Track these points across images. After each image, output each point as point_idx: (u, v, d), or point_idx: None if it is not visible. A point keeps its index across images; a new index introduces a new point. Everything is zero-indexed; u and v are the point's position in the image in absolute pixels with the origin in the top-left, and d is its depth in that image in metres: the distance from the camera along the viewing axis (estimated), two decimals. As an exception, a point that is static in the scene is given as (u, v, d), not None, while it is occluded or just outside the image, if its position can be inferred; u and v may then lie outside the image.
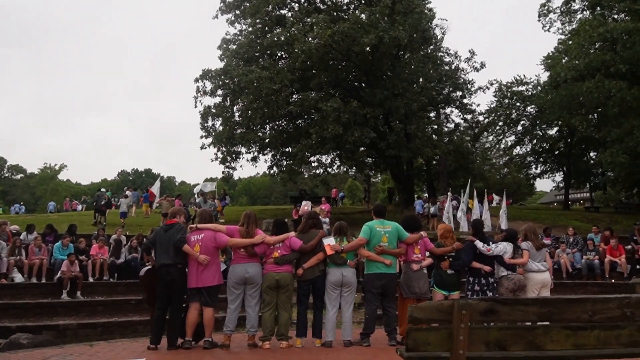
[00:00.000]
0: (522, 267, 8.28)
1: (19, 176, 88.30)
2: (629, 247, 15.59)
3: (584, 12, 30.94)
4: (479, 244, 8.21)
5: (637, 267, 15.01)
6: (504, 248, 8.29)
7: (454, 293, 8.14)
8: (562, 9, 31.86)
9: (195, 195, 25.64)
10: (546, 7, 32.35)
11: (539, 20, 32.67)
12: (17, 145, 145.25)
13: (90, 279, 13.67)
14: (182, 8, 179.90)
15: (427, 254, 8.46)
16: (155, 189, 28.06)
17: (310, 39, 24.14)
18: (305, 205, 19.53)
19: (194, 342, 7.76)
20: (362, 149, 28.43)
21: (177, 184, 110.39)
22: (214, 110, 27.88)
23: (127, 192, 27.86)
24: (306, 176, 33.39)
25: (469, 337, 4.16)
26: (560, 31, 32.85)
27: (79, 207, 42.90)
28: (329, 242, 7.93)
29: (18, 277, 13.00)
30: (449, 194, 23.13)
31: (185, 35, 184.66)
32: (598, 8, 29.15)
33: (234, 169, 29.13)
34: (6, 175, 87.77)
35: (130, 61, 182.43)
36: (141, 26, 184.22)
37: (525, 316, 4.29)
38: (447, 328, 4.20)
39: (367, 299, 8.03)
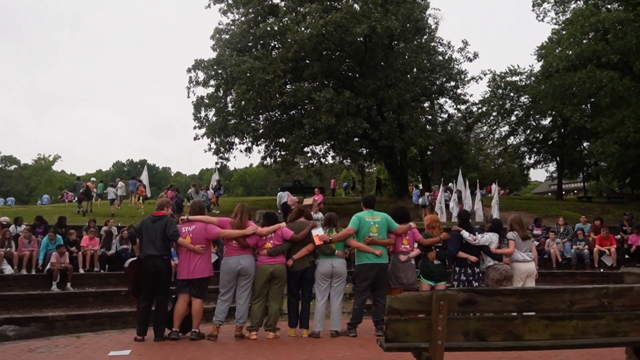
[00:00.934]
0: (508, 257, 8.31)
1: (12, 167, 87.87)
2: (618, 236, 15.67)
3: (578, 2, 30.91)
4: (465, 233, 8.25)
5: (627, 256, 15.10)
6: (489, 238, 8.32)
7: (441, 283, 8.16)
8: (555, -1, 31.82)
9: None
10: (540, -3, 32.30)
11: (533, 10, 32.70)
12: (11, 136, 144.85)
13: (81, 271, 13.64)
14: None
15: (416, 244, 8.46)
16: (144, 177, 28.05)
17: (302, 28, 24.05)
18: (289, 196, 20.08)
19: (182, 333, 7.76)
20: (356, 139, 28.40)
21: (172, 174, 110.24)
22: (207, 101, 27.81)
23: (120, 183, 27.80)
24: (302, 167, 33.35)
25: (447, 327, 4.18)
26: (554, 21, 32.88)
27: (75, 198, 42.74)
28: (317, 232, 7.96)
29: (7, 269, 12.96)
30: (441, 184, 23.15)
31: (179, 24, 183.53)
32: (592, -2, 29.13)
33: (227, 159, 29.11)
34: (0, 166, 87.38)
35: (124, 52, 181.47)
36: (135, 16, 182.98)
37: (504, 306, 4.31)
38: (426, 319, 4.21)
39: (357, 289, 8.03)
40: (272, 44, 28.48)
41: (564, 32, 28.84)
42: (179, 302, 7.67)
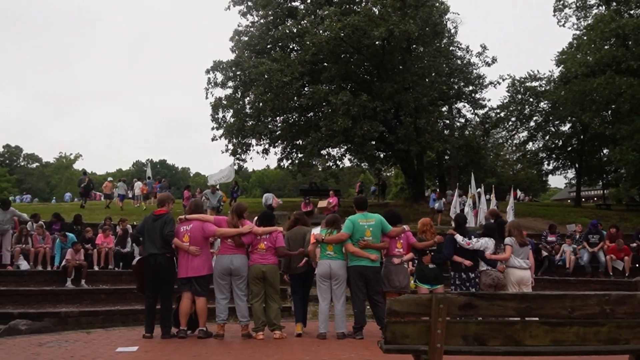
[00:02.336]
0: (504, 263, 8.26)
1: (34, 165, 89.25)
2: (634, 244, 15.47)
3: (600, 8, 30.58)
4: (458, 237, 8.24)
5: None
6: (485, 243, 8.28)
7: (437, 287, 8.13)
8: (577, 4, 31.57)
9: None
10: (561, 2, 32.08)
11: (554, 15, 32.42)
12: (33, 135, 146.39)
13: (95, 268, 13.80)
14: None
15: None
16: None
17: (321, 31, 24.12)
18: (274, 198, 20.77)
19: (190, 331, 7.84)
20: (372, 142, 28.38)
21: (191, 175, 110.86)
22: (225, 102, 27.99)
23: (138, 183, 28.14)
24: (320, 169, 33.45)
25: (447, 330, 4.18)
26: (575, 26, 32.51)
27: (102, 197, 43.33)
28: (314, 231, 8.06)
29: (24, 265, 13.18)
30: (456, 189, 23.01)
31: (199, 26, 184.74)
32: (614, 3, 28.80)
33: (244, 160, 29.27)
34: (22, 164, 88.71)
35: (144, 52, 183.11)
36: (153, 17, 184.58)
37: (504, 311, 4.29)
38: (426, 321, 4.22)
39: (353, 292, 8.02)
40: (291, 47, 28.65)
41: (584, 38, 28.57)
42: (182, 301, 7.75)
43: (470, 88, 31.59)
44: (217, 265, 7.95)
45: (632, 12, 27.83)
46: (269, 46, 28.16)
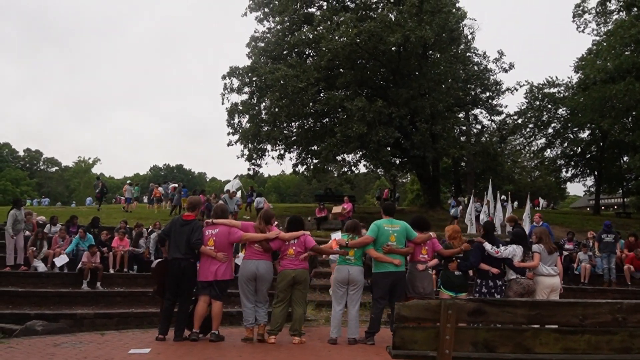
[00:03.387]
0: (532, 270, 8.16)
1: (54, 169, 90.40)
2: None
3: (620, 13, 30.29)
4: (487, 245, 8.13)
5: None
6: (513, 251, 8.17)
7: (461, 294, 8.03)
8: (597, 10, 31.29)
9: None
10: (581, 8, 31.87)
11: (573, 21, 32.20)
12: (53, 139, 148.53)
13: (111, 271, 13.91)
14: (212, 6, 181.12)
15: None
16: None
17: (337, 37, 24.15)
18: (265, 202, 21.09)
19: (202, 334, 7.88)
20: (387, 148, 28.32)
21: (207, 180, 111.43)
22: (241, 108, 28.14)
23: (160, 188, 28.49)
24: (335, 175, 33.48)
25: (456, 337, 4.15)
26: (595, 32, 32.27)
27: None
28: (336, 236, 8.03)
29: (41, 267, 13.34)
30: (472, 196, 22.89)
31: (217, 32, 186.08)
32: (635, 9, 28.51)
33: (259, 166, 29.37)
34: (42, 167, 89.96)
35: (162, 57, 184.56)
36: (172, 23, 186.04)
37: (514, 318, 4.26)
38: (434, 327, 4.20)
39: (374, 298, 7.98)
40: (307, 52, 28.72)
41: (604, 44, 28.32)
42: (199, 304, 7.76)
43: (487, 94, 31.48)
44: (242, 270, 7.95)
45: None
46: (285, 52, 28.26)
